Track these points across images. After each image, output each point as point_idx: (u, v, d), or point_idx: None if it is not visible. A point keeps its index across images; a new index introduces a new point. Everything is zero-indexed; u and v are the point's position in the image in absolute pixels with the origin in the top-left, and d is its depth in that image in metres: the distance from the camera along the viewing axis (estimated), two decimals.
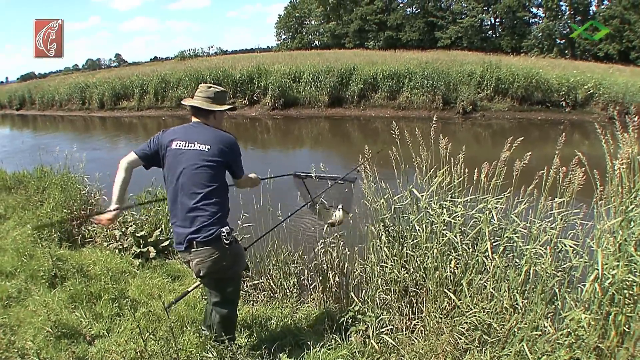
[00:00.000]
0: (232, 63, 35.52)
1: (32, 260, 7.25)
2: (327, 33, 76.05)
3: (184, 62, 48.79)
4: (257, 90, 30.09)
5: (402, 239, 5.47)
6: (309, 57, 35.91)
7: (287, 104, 28.64)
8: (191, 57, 60.10)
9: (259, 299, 6.52)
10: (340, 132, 23.88)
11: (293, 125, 26.08)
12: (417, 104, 25.45)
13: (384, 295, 5.46)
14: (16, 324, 5.59)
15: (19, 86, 59.30)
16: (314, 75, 28.64)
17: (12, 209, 10.43)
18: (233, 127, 26.67)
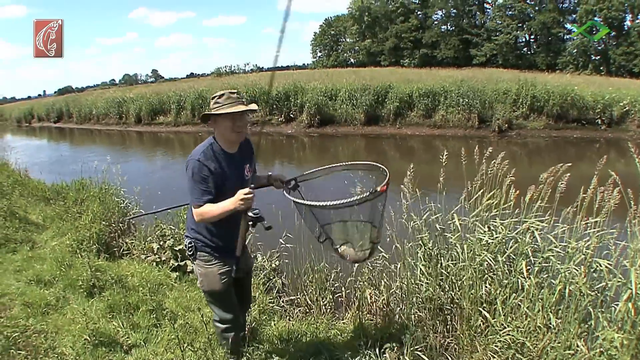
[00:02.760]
0: (268, 80, 34.96)
1: (71, 269, 7.39)
2: (363, 51, 76.10)
3: (221, 79, 49.07)
4: (293, 108, 30.06)
5: (439, 258, 5.50)
6: (344, 75, 35.84)
7: (324, 121, 28.62)
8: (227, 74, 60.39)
9: (295, 315, 6.55)
10: (376, 151, 23.68)
11: (329, 143, 25.98)
12: (452, 122, 25.23)
13: (419, 313, 5.47)
14: (54, 330, 5.69)
15: (57, 99, 60.10)
16: (350, 93, 28.51)
17: (50, 219, 10.60)
18: (269, 144, 26.91)
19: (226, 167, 4.34)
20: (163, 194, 12.00)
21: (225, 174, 4.31)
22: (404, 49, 69.25)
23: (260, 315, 6.21)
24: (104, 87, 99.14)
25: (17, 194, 12.46)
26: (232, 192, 4.14)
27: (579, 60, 57.19)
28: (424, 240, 5.59)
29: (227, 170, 4.33)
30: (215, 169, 4.24)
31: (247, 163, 4.54)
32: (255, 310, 6.17)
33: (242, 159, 4.51)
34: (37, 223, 10.55)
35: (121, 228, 9.47)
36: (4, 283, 7.10)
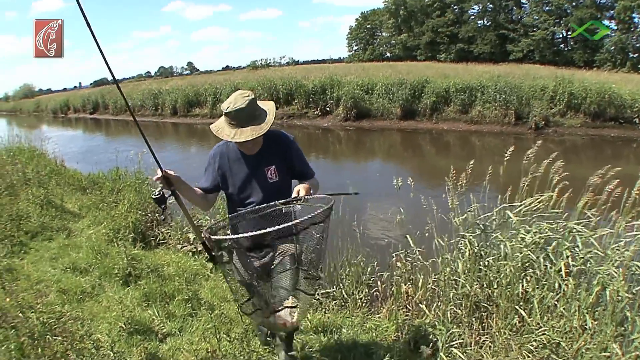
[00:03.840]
0: (304, 73, 35.44)
1: (107, 258, 7.53)
2: (399, 45, 75.68)
3: (256, 72, 49.15)
4: (329, 101, 30.03)
5: (479, 255, 5.53)
6: (381, 69, 35.81)
7: (360, 115, 28.50)
8: (263, 67, 60.53)
9: (331, 307, 6.55)
10: (412, 146, 23.68)
11: (365, 137, 25.84)
12: (489, 118, 24.99)
13: (455, 309, 5.46)
14: (89, 317, 5.80)
15: (92, 91, 60.83)
16: (387, 87, 28.34)
17: (86, 208, 10.80)
18: (305, 137, 27.05)
19: (235, 166, 4.17)
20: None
21: (231, 172, 4.18)
22: (441, 44, 68.70)
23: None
24: (139, 79, 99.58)
25: (53, 183, 12.74)
26: (245, 193, 4.16)
27: (616, 57, 55.91)
28: (467, 236, 5.63)
29: (234, 169, 4.17)
30: (221, 165, 4.20)
31: (272, 164, 4.10)
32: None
33: (261, 160, 4.12)
34: (73, 212, 10.74)
35: (157, 218, 9.58)
36: (40, 270, 7.27)
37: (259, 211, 3.98)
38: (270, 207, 3.92)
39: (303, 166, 4.26)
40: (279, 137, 4.22)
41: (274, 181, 4.11)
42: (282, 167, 4.13)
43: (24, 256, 7.99)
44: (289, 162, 4.17)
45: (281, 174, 4.13)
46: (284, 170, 4.15)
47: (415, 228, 6.66)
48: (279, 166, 4.12)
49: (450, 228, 5.88)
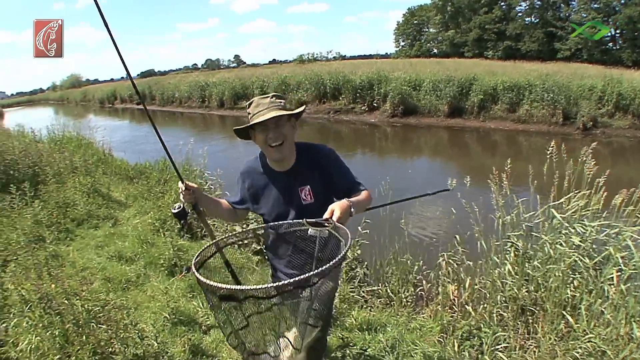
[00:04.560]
0: (351, 68, 35.36)
1: (153, 248, 7.70)
2: (446, 41, 74.90)
3: (303, 66, 49.18)
4: (377, 97, 29.84)
5: (526, 257, 5.53)
6: (428, 65, 35.52)
7: (407, 111, 28.28)
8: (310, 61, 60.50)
9: (376, 305, 6.59)
10: (459, 144, 23.43)
11: (412, 134, 25.73)
12: (536, 117, 24.52)
13: (501, 312, 5.45)
14: (133, 306, 5.96)
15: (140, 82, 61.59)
16: (434, 84, 28.11)
17: (133, 198, 11.07)
18: (351, 133, 27.11)
19: (265, 185, 3.69)
20: None
21: (262, 192, 3.72)
22: (488, 41, 67.86)
23: (341, 304, 6.29)
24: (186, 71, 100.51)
25: (100, 172, 13.19)
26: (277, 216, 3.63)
27: None
28: (513, 238, 5.65)
29: (265, 188, 3.70)
30: (251, 183, 3.76)
31: (306, 184, 3.57)
32: (336, 299, 6.18)
33: (295, 179, 3.58)
34: (120, 201, 10.97)
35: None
36: (86, 257, 7.46)
37: (281, 228, 3.48)
38: (295, 226, 3.34)
39: (348, 181, 3.64)
40: (314, 151, 3.65)
41: (309, 203, 3.56)
42: (319, 187, 3.57)
43: (70, 243, 8.23)
44: (329, 179, 3.58)
45: (318, 195, 3.57)
46: (322, 190, 3.59)
47: (463, 227, 6.58)
48: (316, 186, 3.57)
49: (497, 228, 5.87)
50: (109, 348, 4.52)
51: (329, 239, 3.07)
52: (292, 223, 3.37)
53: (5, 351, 4.59)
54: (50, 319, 4.65)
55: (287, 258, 3.71)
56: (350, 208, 3.16)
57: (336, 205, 3.10)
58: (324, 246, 3.13)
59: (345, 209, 3.10)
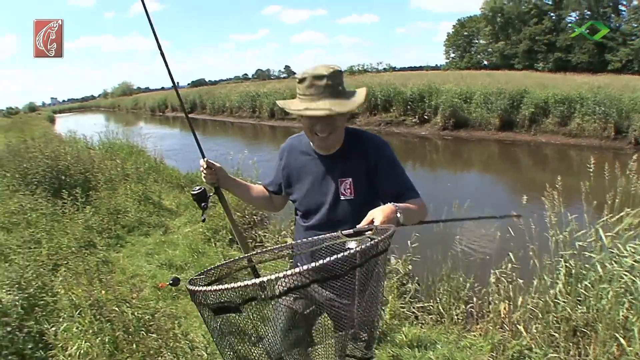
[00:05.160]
0: (402, 80, 35.12)
1: (203, 257, 7.73)
2: (496, 53, 74.36)
3: (354, 77, 49.23)
4: (427, 109, 29.60)
5: (579, 277, 5.39)
6: (479, 78, 35.25)
7: (458, 124, 27.99)
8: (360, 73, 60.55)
9: (426, 322, 6.50)
10: (510, 158, 23.12)
11: (463, 147, 25.47)
12: (588, 131, 23.89)
13: (552, 333, 5.35)
14: (183, 315, 5.98)
15: (190, 91, 62.53)
16: (485, 96, 27.78)
17: (184, 207, 11.18)
18: (402, 145, 26.90)
19: (303, 167, 3.21)
20: None
21: (298, 175, 3.25)
22: (538, 52, 67.17)
23: (391, 320, 6.22)
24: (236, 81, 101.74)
25: (151, 179, 13.31)
26: (308, 207, 3.20)
27: None
28: (565, 257, 5.53)
29: (302, 170, 3.21)
30: (288, 162, 3.31)
31: (349, 176, 3.01)
32: (387, 314, 6.18)
33: (336, 166, 3.05)
34: (170, 209, 11.05)
35: (255, 220, 9.73)
36: (136, 264, 7.61)
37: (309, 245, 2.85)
38: (328, 240, 2.72)
39: (399, 183, 3.03)
40: (363, 139, 3.10)
41: (348, 199, 3.02)
42: (363, 183, 3.01)
43: (120, 250, 8.40)
44: (377, 178, 3.00)
45: (360, 191, 3.01)
46: (366, 186, 3.01)
47: (516, 244, 6.50)
48: (360, 180, 3.01)
49: (549, 246, 5.74)
50: (158, 357, 4.53)
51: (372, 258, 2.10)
52: (323, 238, 2.77)
53: (54, 354, 4.59)
54: (101, 325, 4.73)
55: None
56: (396, 214, 2.51)
57: (377, 211, 2.49)
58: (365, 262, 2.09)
59: (389, 215, 2.46)
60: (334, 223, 2.96)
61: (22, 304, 4.92)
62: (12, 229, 8.21)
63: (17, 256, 6.46)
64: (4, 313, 4.69)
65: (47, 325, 4.76)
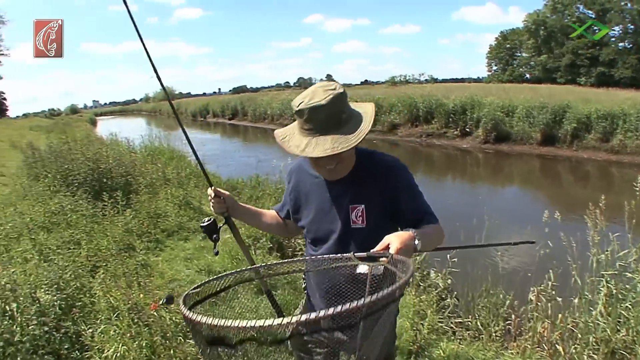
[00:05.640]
0: (443, 92, 35.09)
1: (243, 264, 7.61)
2: (538, 66, 73.80)
3: (395, 88, 49.36)
4: (469, 122, 29.37)
5: (620, 298, 5.30)
6: (521, 91, 34.89)
7: (499, 138, 27.69)
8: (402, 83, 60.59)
9: (464, 337, 6.42)
10: (551, 174, 22.75)
11: (504, 161, 25.21)
12: (630, 148, 23.37)
13: (591, 354, 5.25)
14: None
15: (232, 98, 63.16)
16: (528, 110, 27.44)
17: None
18: (443, 158, 26.91)
19: (310, 191, 2.90)
20: None
21: (306, 199, 2.94)
22: (581, 66, 66.46)
23: (429, 334, 6.14)
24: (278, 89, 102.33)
25: (192, 184, 13.29)
26: (316, 234, 2.90)
27: None
28: (606, 277, 5.43)
29: (310, 195, 2.91)
30: (295, 185, 3.03)
31: (361, 202, 2.69)
32: (425, 329, 6.11)
33: (347, 192, 2.72)
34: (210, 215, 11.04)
35: None
36: (174, 269, 7.61)
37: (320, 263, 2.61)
38: (340, 261, 2.47)
39: (418, 209, 2.73)
40: (378, 162, 2.76)
41: (359, 227, 2.69)
42: (376, 210, 2.69)
43: (159, 253, 8.42)
44: (393, 204, 2.68)
45: (373, 219, 2.69)
46: (381, 214, 2.69)
47: (557, 262, 6.38)
48: (373, 207, 2.68)
49: (591, 266, 5.65)
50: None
51: (383, 279, 2.20)
52: (334, 258, 2.49)
53: (90, 356, 4.62)
54: (138, 329, 4.72)
55: (328, 303, 2.77)
56: (414, 241, 2.28)
57: (394, 237, 2.24)
58: (377, 289, 2.11)
59: (406, 242, 2.22)
60: (342, 253, 2.52)
61: (60, 305, 4.96)
62: (52, 229, 8.26)
63: (57, 256, 6.47)
64: (42, 312, 4.71)
65: (84, 326, 4.80)
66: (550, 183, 21.20)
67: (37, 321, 4.58)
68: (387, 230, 2.39)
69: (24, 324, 4.52)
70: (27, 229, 7.76)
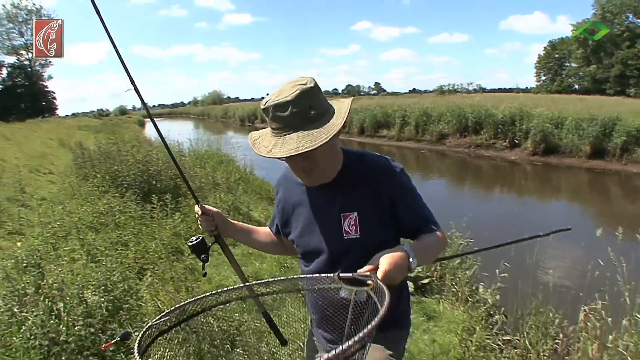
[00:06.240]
0: (492, 102, 34.81)
1: (291, 272, 7.72)
2: (587, 77, 72.85)
3: (444, 97, 49.31)
4: (518, 134, 28.87)
5: None
6: (570, 102, 34.49)
7: (548, 150, 27.10)
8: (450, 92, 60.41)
9: (512, 356, 6.30)
10: (598, 188, 22.27)
11: (551, 174, 24.67)
12: None
13: None
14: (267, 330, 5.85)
15: None
16: (577, 122, 26.78)
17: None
18: (491, 169, 26.57)
19: (295, 203, 2.68)
20: None
21: (290, 211, 2.73)
22: (630, 77, 65.62)
23: (477, 351, 6.10)
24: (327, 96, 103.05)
25: (241, 190, 13.22)
26: (306, 248, 2.67)
27: None
28: None
29: (297, 206, 2.68)
30: (282, 197, 2.79)
31: (352, 210, 2.44)
32: (473, 345, 6.07)
33: (335, 199, 2.48)
34: (259, 221, 11.01)
35: None
36: (222, 274, 7.58)
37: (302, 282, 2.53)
38: (322, 282, 2.31)
39: (417, 215, 2.48)
40: (376, 166, 2.49)
41: (353, 238, 2.43)
42: (371, 216, 2.43)
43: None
44: (389, 209, 2.44)
45: (368, 227, 2.43)
46: (376, 221, 2.44)
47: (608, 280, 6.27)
48: (367, 215, 2.43)
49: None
50: None
51: (366, 306, 2.02)
52: (317, 278, 2.32)
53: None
54: (186, 335, 4.61)
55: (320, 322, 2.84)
56: (407, 260, 2.09)
57: (385, 258, 2.03)
58: (359, 316, 2.09)
59: (397, 263, 2.02)
60: (335, 267, 2.37)
61: (107, 306, 4.99)
62: (100, 229, 8.35)
63: (105, 257, 6.53)
64: (88, 313, 4.75)
65: (131, 329, 4.76)
66: (597, 197, 20.79)
67: (83, 322, 4.61)
68: (385, 240, 2.37)
69: (70, 324, 4.56)
70: (75, 229, 7.84)
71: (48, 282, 5.00)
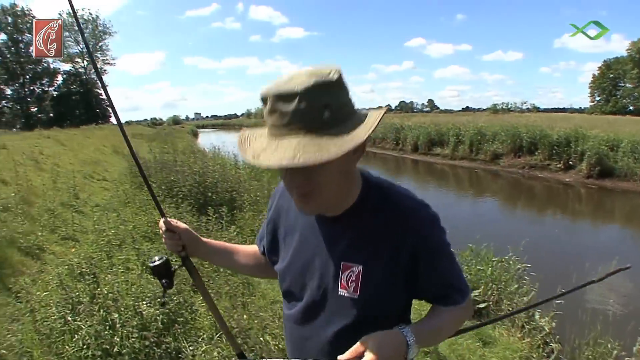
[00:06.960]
0: (546, 122, 34.28)
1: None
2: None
3: (497, 116, 49.07)
4: (573, 155, 28.22)
5: None
6: (626, 124, 33.96)
7: (603, 173, 26.34)
8: (504, 111, 60.01)
9: None
10: None
11: (605, 198, 23.95)
12: None
13: None
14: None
15: None
16: (633, 145, 26.10)
17: None
18: (545, 191, 26.11)
19: (289, 228, 2.04)
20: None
21: (281, 237, 2.09)
22: None
23: None
24: None
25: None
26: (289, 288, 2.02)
27: None
28: None
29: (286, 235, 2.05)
30: (273, 217, 2.14)
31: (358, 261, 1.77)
32: None
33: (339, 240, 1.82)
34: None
35: None
36: (277, 290, 7.34)
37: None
38: None
39: (442, 284, 1.85)
40: (399, 209, 1.78)
41: (348, 297, 1.79)
42: (379, 275, 1.76)
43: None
44: (407, 268, 1.76)
45: (373, 288, 1.77)
46: (387, 282, 1.77)
47: None
48: (375, 272, 1.76)
49: None
50: None
51: None
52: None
53: None
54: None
55: None
56: (404, 348, 1.63)
57: (373, 343, 1.57)
58: None
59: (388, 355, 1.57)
60: (321, 325, 1.89)
61: (162, 319, 4.99)
62: (155, 239, 8.34)
63: None
64: (143, 326, 4.77)
65: (185, 343, 4.83)
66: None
67: (138, 334, 4.62)
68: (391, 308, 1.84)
69: (125, 336, 4.58)
70: (130, 238, 7.85)
71: (103, 292, 5.05)
